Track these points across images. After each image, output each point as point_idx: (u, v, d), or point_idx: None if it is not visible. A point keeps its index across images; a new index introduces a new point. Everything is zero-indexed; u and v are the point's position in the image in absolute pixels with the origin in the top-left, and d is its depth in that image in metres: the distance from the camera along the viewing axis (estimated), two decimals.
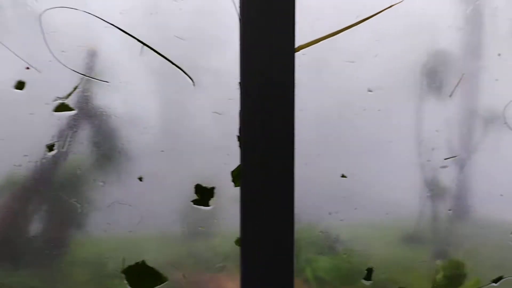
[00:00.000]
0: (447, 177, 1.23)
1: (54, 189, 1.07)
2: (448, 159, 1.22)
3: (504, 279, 1.25)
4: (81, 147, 1.06)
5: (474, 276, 1.25)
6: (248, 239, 0.98)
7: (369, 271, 1.20)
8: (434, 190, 1.23)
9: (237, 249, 1.09)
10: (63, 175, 1.07)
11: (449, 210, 1.23)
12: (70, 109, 1.06)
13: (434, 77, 1.20)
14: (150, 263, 1.09)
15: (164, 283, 1.10)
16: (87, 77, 1.06)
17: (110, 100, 1.07)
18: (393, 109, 1.18)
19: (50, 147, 1.06)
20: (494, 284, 1.25)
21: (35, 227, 1.06)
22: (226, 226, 1.11)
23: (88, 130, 1.06)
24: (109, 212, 1.07)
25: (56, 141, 1.05)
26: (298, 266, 1.17)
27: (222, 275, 1.13)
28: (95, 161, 1.07)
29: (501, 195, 1.25)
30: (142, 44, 1.05)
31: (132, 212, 1.08)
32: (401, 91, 1.19)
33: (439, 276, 1.24)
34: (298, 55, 0.98)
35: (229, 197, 1.09)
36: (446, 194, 1.23)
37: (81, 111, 1.06)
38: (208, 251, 1.13)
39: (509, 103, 1.23)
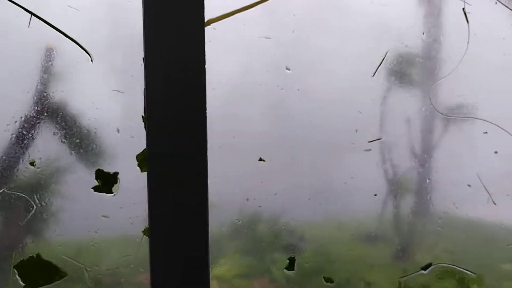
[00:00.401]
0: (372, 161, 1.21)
1: None
2: (372, 142, 1.20)
3: (433, 265, 1.23)
4: None
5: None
6: (158, 228, 0.93)
7: (291, 260, 1.17)
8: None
9: (146, 239, 1.05)
10: None
11: (375, 194, 1.21)
12: None
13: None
14: (46, 257, 1.03)
15: (64, 278, 1.04)
16: None
17: None
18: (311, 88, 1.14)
19: None
20: (423, 271, 1.23)
21: None
22: (133, 215, 1.04)
23: None
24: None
25: None
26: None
27: (130, 268, 1.08)
28: None
29: (428, 179, 1.23)
30: (31, 15, 0.98)
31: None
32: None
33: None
34: (208, 30, 0.92)
35: (134, 184, 1.03)
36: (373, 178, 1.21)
37: None
38: (112, 242, 1.07)
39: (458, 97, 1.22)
